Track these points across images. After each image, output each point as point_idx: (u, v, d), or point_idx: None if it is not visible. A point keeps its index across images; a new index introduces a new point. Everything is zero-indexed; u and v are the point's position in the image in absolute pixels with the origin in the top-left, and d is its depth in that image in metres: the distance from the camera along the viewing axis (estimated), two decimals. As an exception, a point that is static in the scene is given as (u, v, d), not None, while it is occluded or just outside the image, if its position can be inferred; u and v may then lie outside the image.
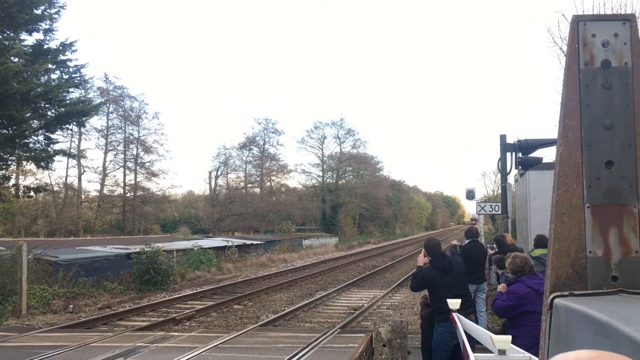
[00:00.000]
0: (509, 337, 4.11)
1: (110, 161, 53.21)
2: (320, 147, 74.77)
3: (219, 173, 66.65)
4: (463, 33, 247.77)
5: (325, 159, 75.00)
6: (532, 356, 3.90)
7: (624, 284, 2.05)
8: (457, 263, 7.11)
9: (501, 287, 6.39)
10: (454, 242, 12.03)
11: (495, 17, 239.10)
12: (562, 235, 2.08)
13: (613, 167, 2.06)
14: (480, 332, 4.90)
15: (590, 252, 2.07)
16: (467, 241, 11.24)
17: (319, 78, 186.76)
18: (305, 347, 9.64)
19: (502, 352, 4.02)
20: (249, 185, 69.59)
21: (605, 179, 2.06)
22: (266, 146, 68.80)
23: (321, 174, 74.96)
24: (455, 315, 6.04)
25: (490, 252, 11.23)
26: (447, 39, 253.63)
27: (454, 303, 6.11)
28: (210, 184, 65.74)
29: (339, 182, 74.53)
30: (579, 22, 2.08)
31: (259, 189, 69.64)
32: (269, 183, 70.60)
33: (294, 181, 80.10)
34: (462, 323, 5.65)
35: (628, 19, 2.08)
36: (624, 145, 2.06)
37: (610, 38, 2.07)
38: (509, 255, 9.37)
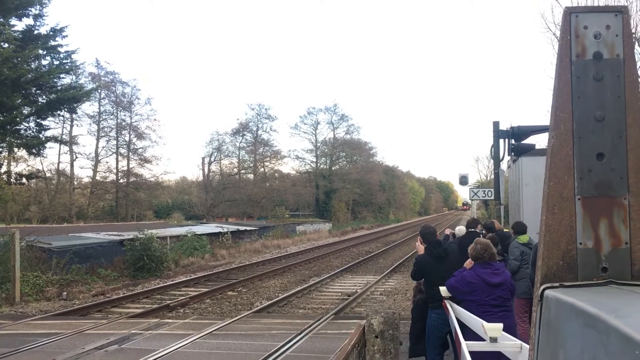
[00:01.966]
0: (500, 325, 4.16)
1: (103, 147, 53.08)
2: (314, 132, 74.72)
3: (212, 159, 66.55)
4: (457, 19, 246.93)
5: (318, 144, 74.97)
6: (523, 344, 3.94)
7: (613, 275, 2.06)
8: (452, 251, 7.13)
9: (467, 263, 6.26)
10: (447, 231, 12.01)
11: (489, 3, 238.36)
12: (553, 227, 2.09)
13: (604, 159, 2.07)
14: (472, 320, 4.95)
15: (580, 243, 2.08)
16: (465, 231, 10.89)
17: (312, 64, 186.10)
18: (299, 334, 9.69)
19: (493, 340, 4.07)
20: (242, 171, 69.55)
21: (596, 170, 2.07)
22: (259, 132, 68.78)
23: (315, 160, 74.96)
24: (448, 303, 6.09)
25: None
26: (441, 25, 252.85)
27: (446, 290, 6.15)
28: (203, 170, 65.66)
29: (333, 168, 74.52)
30: (571, 14, 2.07)
31: (252, 175, 69.61)
32: (262, 169, 70.58)
33: (288, 167, 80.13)
34: (455, 310, 5.70)
35: (620, 10, 2.07)
36: (615, 137, 2.06)
37: (602, 30, 2.06)
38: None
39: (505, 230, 12.62)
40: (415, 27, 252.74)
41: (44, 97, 24.28)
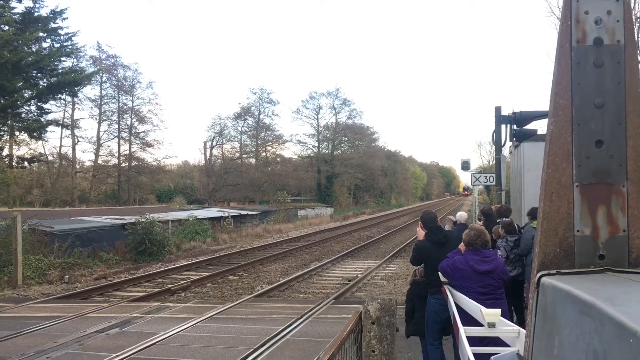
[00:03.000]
0: (498, 311, 4.17)
1: (104, 131, 53.00)
2: (316, 117, 74.54)
3: (214, 143, 66.47)
4: (460, 3, 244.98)
5: (320, 129, 74.81)
6: (521, 329, 3.96)
7: (610, 263, 2.06)
8: (453, 237, 7.11)
9: (461, 246, 6.17)
10: (449, 217, 11.96)
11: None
12: (551, 214, 2.08)
13: (603, 146, 2.05)
14: (471, 305, 4.96)
15: (578, 230, 2.08)
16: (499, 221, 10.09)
17: (314, 48, 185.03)
18: (300, 318, 9.73)
19: (491, 326, 4.08)
20: (244, 156, 69.51)
21: (594, 158, 2.05)
22: (261, 116, 68.58)
23: (316, 145, 74.85)
24: (447, 288, 6.10)
25: (479, 223, 11.07)
26: (444, 9, 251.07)
27: (445, 276, 6.15)
28: (205, 154, 65.61)
29: (335, 153, 74.44)
30: (572, -1, 2.05)
31: (254, 160, 69.56)
32: (264, 153, 70.51)
33: (290, 151, 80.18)
34: (454, 296, 5.71)
35: (622, -5, 2.05)
36: (614, 124, 2.04)
37: (603, 15, 2.04)
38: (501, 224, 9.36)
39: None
40: (418, 11, 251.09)
41: (44, 80, 24.21)
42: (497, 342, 4.30)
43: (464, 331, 4.16)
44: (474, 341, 4.12)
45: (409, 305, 7.30)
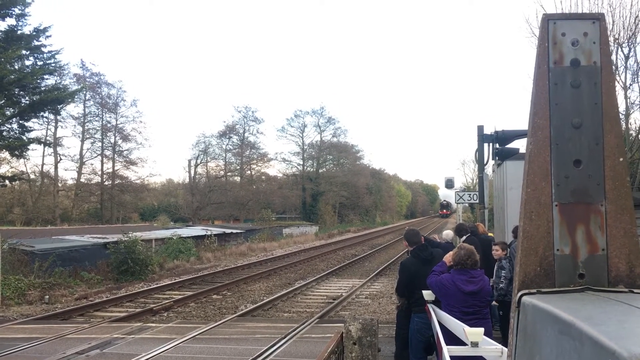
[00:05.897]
0: (481, 330, 4.17)
1: (88, 149, 52.52)
2: (301, 135, 74.77)
3: (199, 161, 66.25)
4: (443, 21, 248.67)
5: (305, 147, 75.03)
6: (504, 348, 3.96)
7: (590, 282, 2.07)
8: (438, 255, 7.09)
9: (446, 257, 6.16)
10: (434, 236, 11.98)
11: (476, 9, 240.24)
12: (531, 233, 2.09)
13: (581, 166, 2.07)
14: (454, 324, 4.95)
15: (557, 250, 2.08)
16: (464, 237, 10.13)
17: (299, 66, 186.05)
18: (284, 338, 9.66)
19: (474, 345, 4.08)
20: (228, 174, 69.31)
21: (573, 177, 2.07)
22: (246, 134, 68.61)
23: (301, 163, 74.99)
24: (430, 307, 6.09)
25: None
26: (427, 27, 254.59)
27: (429, 294, 6.14)
28: (189, 172, 65.34)
29: (320, 171, 74.59)
30: (549, 21, 2.08)
31: (239, 178, 69.40)
32: (249, 171, 70.39)
33: (274, 170, 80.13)
34: (437, 314, 5.70)
35: (597, 18, 2.08)
36: (592, 143, 2.07)
37: (580, 37, 2.07)
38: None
39: (490, 234, 12.68)
40: (402, 32, 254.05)
41: (27, 98, 24.03)
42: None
43: (447, 350, 4.15)
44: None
45: (406, 330, 7.05)
